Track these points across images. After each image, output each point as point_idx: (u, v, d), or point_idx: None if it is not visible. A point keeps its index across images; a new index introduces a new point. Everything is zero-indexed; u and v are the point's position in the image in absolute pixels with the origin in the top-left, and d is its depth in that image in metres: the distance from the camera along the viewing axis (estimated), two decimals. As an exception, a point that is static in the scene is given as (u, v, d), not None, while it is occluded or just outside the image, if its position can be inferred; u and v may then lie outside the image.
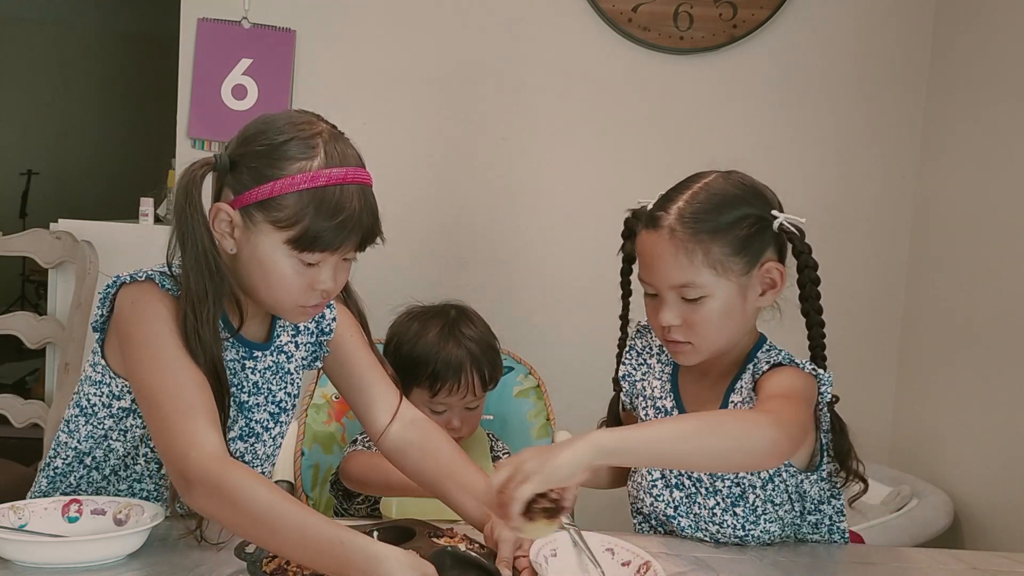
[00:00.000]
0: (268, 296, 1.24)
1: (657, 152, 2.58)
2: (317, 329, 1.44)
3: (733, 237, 1.27)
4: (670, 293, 1.28)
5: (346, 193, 1.20)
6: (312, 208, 1.17)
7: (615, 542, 1.20)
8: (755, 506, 1.34)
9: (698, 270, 1.26)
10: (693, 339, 1.30)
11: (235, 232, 1.21)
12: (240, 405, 1.32)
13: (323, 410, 1.83)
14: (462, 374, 1.64)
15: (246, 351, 1.33)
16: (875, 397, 2.65)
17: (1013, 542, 2.12)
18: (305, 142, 1.21)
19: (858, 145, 2.63)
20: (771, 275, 1.30)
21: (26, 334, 2.17)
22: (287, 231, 1.18)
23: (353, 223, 1.20)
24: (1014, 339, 2.17)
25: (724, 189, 1.31)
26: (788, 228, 1.29)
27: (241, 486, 1.08)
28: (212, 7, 2.45)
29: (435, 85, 2.55)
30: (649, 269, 1.30)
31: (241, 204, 1.20)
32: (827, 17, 2.60)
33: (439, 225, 2.58)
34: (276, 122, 1.23)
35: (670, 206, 1.29)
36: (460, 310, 1.74)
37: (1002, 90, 2.30)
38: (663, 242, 1.27)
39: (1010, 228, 2.22)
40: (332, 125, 1.27)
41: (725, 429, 1.16)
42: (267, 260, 1.20)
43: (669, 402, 1.41)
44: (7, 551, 1.10)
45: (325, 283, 1.23)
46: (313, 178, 1.18)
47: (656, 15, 2.53)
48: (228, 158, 1.22)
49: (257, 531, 1.07)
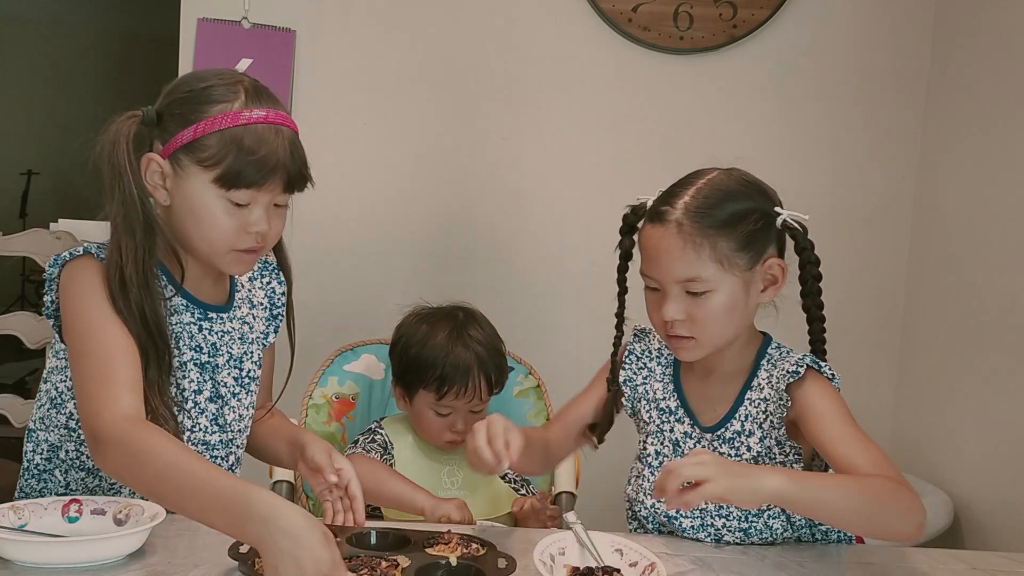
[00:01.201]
0: (202, 241, 1.27)
1: (657, 152, 2.58)
2: (270, 303, 1.48)
3: (739, 232, 1.28)
4: (675, 287, 1.29)
5: (268, 131, 1.24)
6: (235, 145, 1.22)
7: (623, 542, 1.21)
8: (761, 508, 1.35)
9: (705, 264, 1.26)
10: (697, 334, 1.30)
11: (166, 182, 1.26)
12: (203, 367, 1.35)
13: (323, 410, 1.83)
14: (469, 378, 1.64)
15: (201, 313, 1.36)
16: (875, 397, 2.64)
17: (1013, 542, 2.12)
18: (227, 87, 1.26)
19: (858, 145, 2.63)
20: (773, 271, 1.32)
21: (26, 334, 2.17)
22: (213, 170, 1.23)
23: (275, 161, 1.24)
24: (1014, 339, 2.17)
25: (729, 185, 1.32)
26: (791, 224, 1.31)
27: (149, 443, 1.09)
28: (212, 7, 2.44)
29: (435, 85, 2.54)
30: (654, 263, 1.30)
31: (169, 151, 1.24)
32: (827, 17, 2.60)
33: (439, 225, 2.58)
34: (199, 73, 1.31)
35: (675, 201, 1.30)
36: (468, 313, 1.74)
37: (1002, 90, 2.30)
38: (670, 236, 1.28)
39: (1010, 228, 2.22)
40: (256, 80, 1.31)
41: (888, 502, 1.18)
42: (197, 203, 1.25)
43: (673, 402, 1.42)
44: (7, 551, 1.10)
45: (258, 224, 1.26)
46: (234, 117, 1.23)
47: (656, 15, 2.53)
48: (155, 111, 1.27)
49: (162, 488, 1.08)
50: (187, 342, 1.33)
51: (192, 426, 1.34)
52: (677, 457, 1.37)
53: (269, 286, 1.49)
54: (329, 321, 2.48)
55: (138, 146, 1.26)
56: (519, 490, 1.72)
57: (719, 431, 1.37)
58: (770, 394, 1.34)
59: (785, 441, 1.35)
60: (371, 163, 2.54)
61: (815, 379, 1.32)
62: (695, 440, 1.38)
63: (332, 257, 2.53)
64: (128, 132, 1.24)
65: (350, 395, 1.85)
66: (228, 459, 1.41)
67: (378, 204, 2.55)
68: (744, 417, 1.36)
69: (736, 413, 1.36)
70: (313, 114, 2.47)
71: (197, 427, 1.35)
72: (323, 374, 1.84)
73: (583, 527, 1.23)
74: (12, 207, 5.84)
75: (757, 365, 1.38)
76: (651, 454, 1.42)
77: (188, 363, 1.34)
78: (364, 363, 1.88)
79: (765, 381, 1.36)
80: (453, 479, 1.68)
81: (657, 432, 1.42)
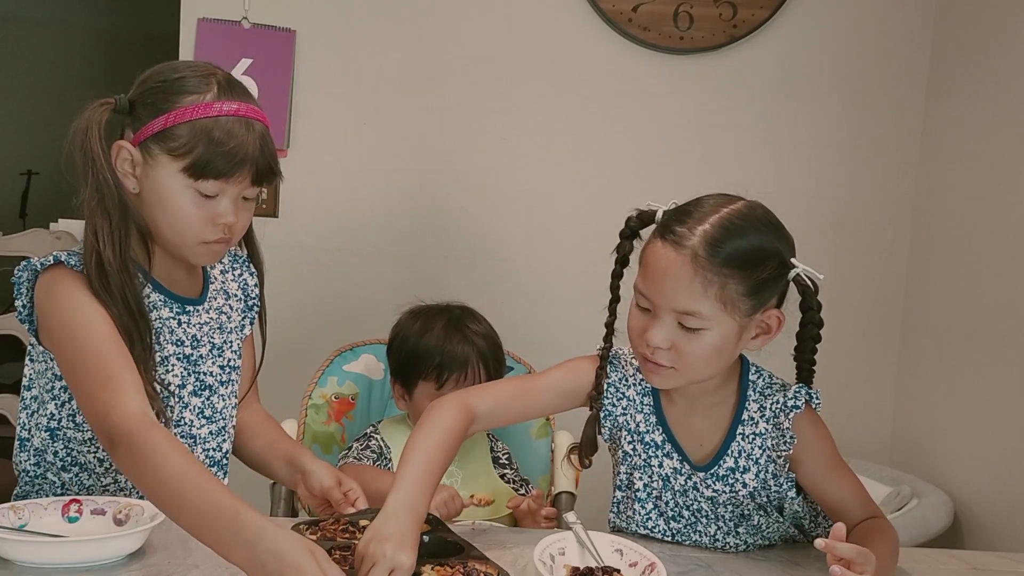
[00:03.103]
0: (170, 230, 1.28)
1: (657, 152, 2.58)
2: (244, 295, 1.49)
3: (752, 277, 1.20)
4: (669, 315, 1.21)
5: (238, 124, 1.25)
6: (205, 136, 1.23)
7: (623, 542, 1.21)
8: (759, 525, 1.35)
9: (709, 302, 1.19)
10: (678, 365, 1.24)
11: (136, 170, 1.27)
12: (186, 359, 1.36)
13: (322, 410, 1.83)
14: (468, 366, 1.65)
15: (179, 307, 1.37)
16: (875, 397, 2.64)
17: (1013, 542, 2.12)
18: (200, 79, 1.27)
19: (858, 145, 2.63)
20: (769, 321, 1.25)
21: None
22: (182, 159, 1.24)
23: (244, 153, 1.25)
24: (1014, 339, 2.17)
25: (752, 223, 1.22)
26: (804, 281, 1.24)
27: (156, 448, 1.09)
28: (212, 7, 2.44)
29: (435, 85, 2.54)
30: (655, 284, 1.22)
31: (140, 139, 1.25)
32: (827, 17, 2.60)
33: (439, 225, 2.58)
34: (173, 64, 1.31)
35: (695, 227, 1.20)
36: (464, 309, 1.75)
37: (1002, 90, 2.30)
38: (682, 263, 1.19)
39: (1010, 228, 2.22)
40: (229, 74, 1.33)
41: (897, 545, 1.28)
42: (166, 192, 1.26)
43: (658, 436, 1.35)
44: (7, 551, 1.10)
45: (225, 216, 1.27)
46: (205, 108, 1.24)
47: (656, 15, 2.53)
48: (127, 100, 1.28)
49: (162, 494, 1.08)
50: (168, 336, 1.34)
51: (178, 420, 1.35)
52: (669, 493, 1.34)
53: (241, 278, 1.50)
54: (329, 321, 2.48)
55: (110, 133, 1.27)
56: (519, 490, 1.72)
57: (712, 469, 1.32)
58: (766, 429, 1.31)
59: (781, 473, 1.32)
60: (371, 163, 2.54)
61: (808, 415, 1.31)
62: (685, 476, 1.33)
63: (332, 257, 2.53)
64: (100, 119, 1.25)
65: (349, 395, 1.85)
66: (220, 448, 1.41)
67: (378, 204, 2.55)
68: (737, 453, 1.31)
69: (728, 450, 1.31)
70: (313, 114, 2.47)
71: (183, 421, 1.35)
72: (322, 374, 1.84)
73: (583, 527, 1.23)
74: (12, 207, 5.83)
75: (743, 396, 1.33)
76: (639, 488, 1.36)
77: (171, 357, 1.34)
78: (363, 363, 1.88)
79: (757, 414, 1.32)
80: (452, 479, 1.68)
81: (644, 467, 1.35)
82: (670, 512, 1.35)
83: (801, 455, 1.30)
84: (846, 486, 1.33)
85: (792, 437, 1.28)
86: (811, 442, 1.31)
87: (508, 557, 1.23)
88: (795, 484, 1.33)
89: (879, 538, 1.25)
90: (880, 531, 1.28)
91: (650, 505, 1.36)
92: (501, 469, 1.74)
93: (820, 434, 1.33)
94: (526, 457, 1.83)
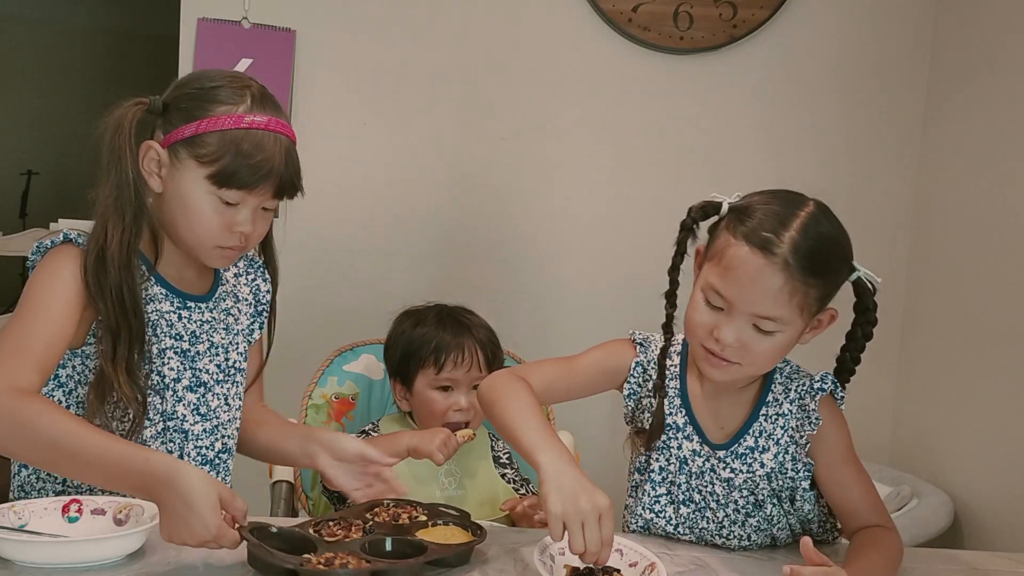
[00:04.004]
0: (188, 232, 1.31)
1: (657, 152, 2.58)
2: (255, 300, 1.50)
3: (832, 285, 1.25)
4: (745, 316, 1.22)
5: (266, 139, 1.28)
6: (233, 147, 1.26)
7: (623, 543, 1.21)
8: (771, 515, 1.35)
9: (790, 309, 1.21)
10: (746, 363, 1.26)
11: (162, 171, 1.30)
12: (183, 355, 1.37)
13: (323, 410, 1.83)
14: (465, 347, 1.66)
15: (180, 302, 1.38)
16: (875, 397, 2.64)
17: (1013, 542, 2.12)
18: (235, 90, 1.30)
19: (858, 145, 2.63)
20: (822, 316, 1.28)
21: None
22: (208, 167, 1.26)
23: (269, 167, 1.28)
24: (1014, 339, 2.17)
25: (832, 232, 1.26)
26: (864, 284, 1.30)
27: (39, 411, 1.13)
28: (212, 7, 2.44)
29: (434, 85, 2.54)
30: (736, 286, 1.22)
31: (169, 142, 1.29)
32: (827, 17, 2.60)
33: (439, 225, 2.58)
34: (209, 73, 1.34)
35: (783, 233, 1.21)
36: (456, 306, 1.76)
37: (1002, 90, 2.30)
38: (774, 271, 1.20)
39: (1010, 228, 2.22)
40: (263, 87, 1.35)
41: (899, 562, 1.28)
42: (188, 195, 1.29)
43: (680, 418, 1.37)
44: (7, 551, 1.10)
45: (243, 225, 1.30)
46: (236, 119, 1.27)
47: (656, 15, 2.53)
48: (162, 101, 1.31)
49: (56, 455, 1.12)
50: (166, 330, 1.35)
51: (171, 414, 1.35)
52: (684, 476, 1.36)
53: (254, 283, 1.51)
54: (328, 321, 2.48)
55: (140, 132, 1.29)
56: (519, 490, 1.72)
57: (731, 447, 1.34)
58: (790, 410, 1.33)
59: (800, 457, 1.33)
60: (371, 163, 2.54)
61: (831, 406, 1.34)
62: (704, 459, 1.35)
63: (332, 257, 2.53)
64: (133, 117, 1.28)
65: (350, 395, 1.85)
66: (214, 447, 1.41)
67: (377, 204, 2.55)
68: (759, 433, 1.34)
69: (750, 429, 1.34)
70: (313, 114, 2.47)
71: (175, 415, 1.36)
72: (323, 374, 1.84)
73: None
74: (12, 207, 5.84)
75: (769, 379, 1.36)
76: (655, 470, 1.38)
77: (167, 351, 1.35)
78: (364, 363, 1.88)
79: (782, 396, 1.35)
80: (451, 479, 1.68)
81: (663, 448, 1.37)
82: (681, 496, 1.36)
83: (819, 444, 1.33)
84: (856, 485, 1.34)
85: (818, 418, 1.31)
86: (830, 431, 1.33)
87: (508, 557, 1.23)
88: (811, 474, 1.34)
89: (873, 549, 1.26)
90: (877, 542, 1.28)
91: (662, 489, 1.37)
92: (502, 469, 1.74)
93: (839, 425, 1.35)
94: (526, 457, 1.83)
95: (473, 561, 1.21)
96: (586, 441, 1.90)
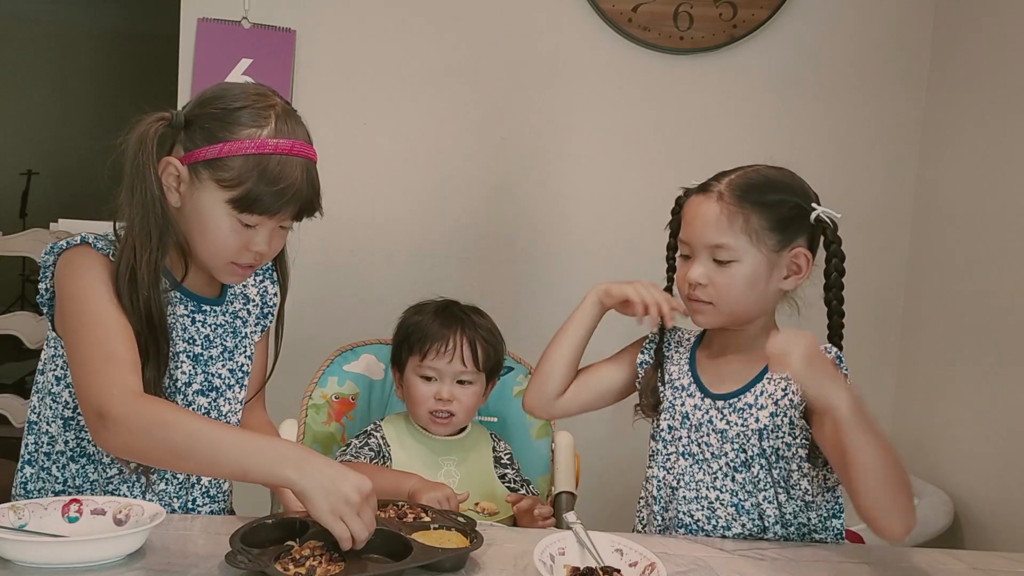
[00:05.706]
0: (204, 250, 1.31)
1: (657, 152, 2.58)
2: (262, 302, 1.50)
3: (773, 214, 1.36)
4: (703, 252, 1.37)
5: (289, 164, 1.26)
6: (256, 173, 1.24)
7: (623, 542, 1.22)
8: (757, 477, 1.37)
9: (735, 234, 1.34)
10: (715, 300, 1.37)
11: (181, 187, 1.28)
12: (196, 359, 1.37)
13: (323, 410, 1.83)
14: (450, 337, 1.67)
15: (195, 305, 1.38)
16: (875, 397, 2.64)
17: (1013, 542, 2.12)
18: (258, 112, 1.27)
19: (858, 145, 2.63)
20: (798, 260, 1.38)
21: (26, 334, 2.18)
22: (230, 191, 1.25)
23: (292, 193, 1.27)
24: (1014, 339, 2.17)
25: (774, 174, 1.41)
26: (824, 219, 1.39)
27: (167, 409, 1.16)
28: (212, 7, 2.44)
29: (435, 85, 2.54)
30: (690, 227, 1.39)
31: (190, 160, 1.26)
32: (827, 17, 2.60)
33: (439, 225, 2.58)
34: (233, 90, 1.30)
35: (722, 178, 1.39)
36: (467, 304, 1.77)
37: (1002, 90, 2.30)
38: (709, 204, 1.37)
39: (1010, 227, 2.22)
40: (287, 102, 1.33)
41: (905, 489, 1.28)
42: (207, 216, 1.27)
43: (686, 379, 1.46)
44: (7, 551, 1.10)
45: (259, 246, 1.30)
46: (260, 145, 1.25)
47: (656, 15, 2.53)
48: (184, 116, 1.29)
49: (190, 448, 1.13)
50: (180, 334, 1.35)
51: None
52: (685, 429, 1.42)
53: (262, 284, 1.51)
54: (329, 321, 2.48)
55: (160, 145, 1.28)
56: (519, 490, 1.72)
57: (730, 400, 1.40)
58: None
59: (797, 422, 1.36)
60: (371, 163, 2.54)
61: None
62: (704, 411, 1.42)
63: (332, 257, 2.53)
64: (155, 133, 1.26)
65: (350, 395, 1.86)
66: None
67: (378, 204, 2.55)
68: (760, 392, 1.39)
69: (752, 388, 1.40)
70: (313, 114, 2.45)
71: None
72: (323, 374, 1.85)
73: (583, 527, 1.23)
74: (12, 207, 5.84)
75: None
76: (663, 429, 1.46)
77: (181, 354, 1.35)
78: (364, 363, 1.88)
79: None
80: (451, 479, 1.68)
81: (669, 408, 1.46)
82: (681, 448, 1.43)
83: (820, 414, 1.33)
84: None
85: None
86: None
87: (508, 557, 1.23)
88: (808, 445, 1.35)
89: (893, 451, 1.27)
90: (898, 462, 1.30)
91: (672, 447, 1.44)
92: (503, 469, 1.74)
93: None
94: (527, 457, 1.83)
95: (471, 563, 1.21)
96: (586, 441, 1.90)
